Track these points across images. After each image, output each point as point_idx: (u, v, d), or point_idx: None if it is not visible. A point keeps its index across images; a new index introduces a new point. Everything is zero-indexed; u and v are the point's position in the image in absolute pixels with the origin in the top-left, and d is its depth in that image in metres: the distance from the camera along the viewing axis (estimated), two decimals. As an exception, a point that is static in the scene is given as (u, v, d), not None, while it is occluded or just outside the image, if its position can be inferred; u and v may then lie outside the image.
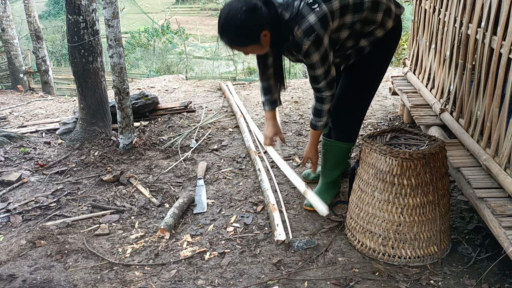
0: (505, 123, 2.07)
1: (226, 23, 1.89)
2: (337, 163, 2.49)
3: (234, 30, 1.89)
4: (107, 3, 3.09)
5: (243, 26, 1.87)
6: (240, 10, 1.84)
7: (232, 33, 1.90)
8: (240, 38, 1.93)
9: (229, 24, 1.88)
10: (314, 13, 1.91)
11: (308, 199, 2.36)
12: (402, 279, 1.99)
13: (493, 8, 2.21)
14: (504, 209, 1.93)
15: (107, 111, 3.62)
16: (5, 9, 7.29)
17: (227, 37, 1.93)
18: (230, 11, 1.86)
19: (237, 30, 1.88)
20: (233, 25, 1.87)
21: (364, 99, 2.34)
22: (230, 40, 1.94)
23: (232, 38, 1.93)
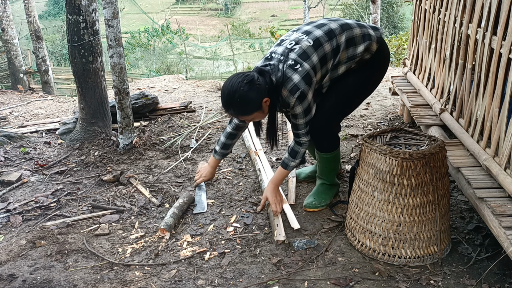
0: (505, 123, 2.07)
1: (230, 97, 2.10)
2: (332, 169, 2.57)
3: (239, 103, 2.10)
4: (107, 3, 3.09)
5: (247, 97, 2.09)
6: (242, 84, 2.07)
7: (237, 105, 2.11)
8: (246, 108, 2.13)
9: (233, 98, 2.09)
10: (297, 73, 2.13)
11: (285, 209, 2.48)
12: (402, 279, 1.99)
13: (493, 8, 2.21)
14: (504, 209, 1.93)
15: (107, 111, 3.62)
16: (5, 9, 7.29)
17: (233, 109, 2.14)
18: (233, 86, 2.09)
19: (242, 102, 2.09)
20: (237, 98, 2.08)
21: (345, 113, 2.50)
22: (236, 112, 2.16)
23: (238, 109, 2.14)
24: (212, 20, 28.71)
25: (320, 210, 2.52)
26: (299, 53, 2.16)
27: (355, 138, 3.50)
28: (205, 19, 28.93)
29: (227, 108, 2.16)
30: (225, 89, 2.12)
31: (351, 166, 2.77)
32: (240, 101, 2.09)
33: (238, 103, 2.10)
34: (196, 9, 31.26)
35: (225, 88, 2.12)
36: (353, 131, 3.60)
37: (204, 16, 29.87)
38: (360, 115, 4.01)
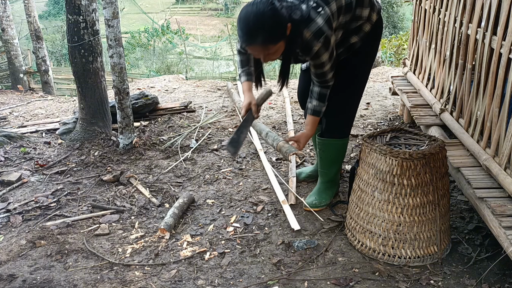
0: (505, 123, 2.07)
1: (256, 23, 1.84)
2: (333, 160, 2.50)
3: (270, 26, 1.85)
4: (107, 3, 3.09)
5: (278, 18, 1.86)
6: (265, 7, 1.83)
7: (265, 31, 1.86)
8: (275, 33, 1.89)
9: (260, 23, 1.84)
10: (321, 16, 1.96)
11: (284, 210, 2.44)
12: (402, 279, 1.99)
13: (493, 8, 2.21)
14: (504, 209, 1.93)
15: (107, 111, 3.62)
16: (5, 9, 7.29)
17: (261, 36, 1.87)
18: (259, 8, 1.83)
19: (273, 24, 1.85)
20: (264, 22, 1.84)
21: (355, 93, 2.38)
22: (264, 39, 1.88)
23: (268, 35, 1.87)
24: (212, 20, 28.71)
25: (320, 209, 2.52)
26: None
27: (355, 138, 3.50)
28: (205, 19, 28.92)
29: (254, 35, 1.86)
30: (251, 12, 1.84)
31: (351, 166, 2.77)
32: (271, 24, 1.84)
33: (267, 29, 1.84)
34: (196, 9, 31.26)
35: (250, 11, 1.84)
36: (353, 131, 3.60)
37: (204, 16, 29.86)
38: (360, 115, 4.01)
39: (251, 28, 1.86)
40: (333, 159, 2.50)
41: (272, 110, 4.26)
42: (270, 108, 4.33)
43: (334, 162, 2.51)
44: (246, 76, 2.35)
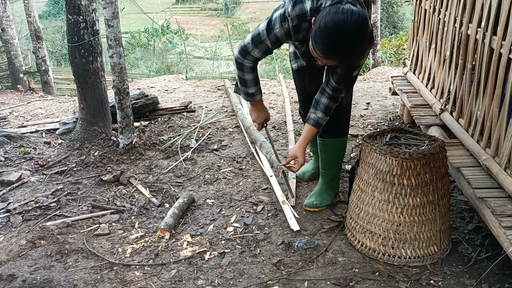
0: (505, 123, 2.07)
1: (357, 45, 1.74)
2: (334, 160, 2.50)
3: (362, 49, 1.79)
4: (107, 3, 3.09)
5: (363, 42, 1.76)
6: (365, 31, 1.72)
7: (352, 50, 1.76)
8: (356, 52, 1.80)
9: (360, 45, 1.75)
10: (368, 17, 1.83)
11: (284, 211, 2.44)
12: (402, 279, 1.99)
13: (493, 8, 2.21)
14: (504, 209, 1.93)
15: (107, 111, 3.62)
16: (5, 9, 7.29)
17: (345, 54, 1.77)
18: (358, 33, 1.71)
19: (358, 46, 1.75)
20: (362, 45, 1.76)
21: (351, 92, 2.38)
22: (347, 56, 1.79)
23: (350, 54, 1.78)
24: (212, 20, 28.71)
25: (320, 210, 2.52)
26: None
27: (355, 138, 3.50)
28: (205, 19, 28.92)
29: (338, 52, 1.75)
30: (346, 31, 1.69)
31: (351, 166, 2.77)
32: (360, 46, 1.75)
33: (356, 48, 1.74)
34: (196, 9, 31.26)
35: (345, 29, 1.68)
36: (353, 131, 3.60)
37: (204, 16, 29.86)
38: (360, 115, 4.01)
39: (349, 47, 1.74)
40: (334, 158, 2.50)
41: (272, 110, 4.26)
42: (270, 108, 4.33)
43: (335, 161, 2.51)
44: (260, 94, 2.31)
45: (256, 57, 2.09)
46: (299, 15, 1.89)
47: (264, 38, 1.99)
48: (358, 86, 5.11)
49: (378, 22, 7.00)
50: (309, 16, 1.89)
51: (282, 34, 1.96)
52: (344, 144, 2.46)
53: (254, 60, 2.12)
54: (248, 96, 2.30)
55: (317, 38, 1.74)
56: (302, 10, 1.89)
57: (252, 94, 2.28)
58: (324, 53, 1.76)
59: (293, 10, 1.89)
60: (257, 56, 2.08)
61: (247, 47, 2.06)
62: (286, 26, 1.92)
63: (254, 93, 2.27)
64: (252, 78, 2.20)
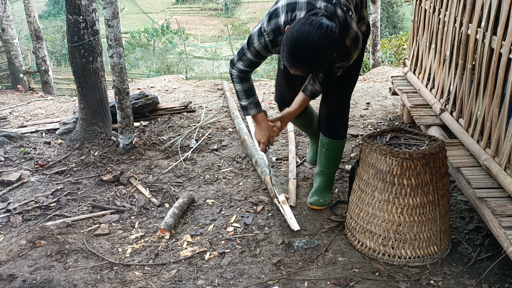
0: (505, 123, 2.07)
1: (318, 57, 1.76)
2: (337, 160, 2.57)
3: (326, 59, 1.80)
4: (107, 3, 3.09)
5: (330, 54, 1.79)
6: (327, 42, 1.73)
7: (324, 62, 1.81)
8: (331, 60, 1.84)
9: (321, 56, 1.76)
10: (353, 20, 1.91)
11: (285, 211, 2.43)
12: (402, 279, 1.99)
13: (493, 8, 2.21)
14: (504, 209, 1.93)
15: (107, 111, 3.62)
16: (5, 9, 7.28)
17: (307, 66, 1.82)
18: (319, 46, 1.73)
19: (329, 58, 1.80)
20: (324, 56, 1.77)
21: (351, 95, 2.44)
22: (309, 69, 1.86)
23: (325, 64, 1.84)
24: (212, 20, 28.72)
25: (325, 208, 2.54)
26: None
27: (355, 138, 3.50)
28: (205, 19, 28.92)
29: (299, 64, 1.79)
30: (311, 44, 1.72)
31: (351, 166, 2.77)
32: (323, 60, 1.78)
33: (320, 62, 1.78)
34: (196, 9, 31.26)
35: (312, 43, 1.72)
36: (353, 131, 3.60)
37: (204, 16, 29.87)
38: (360, 115, 4.01)
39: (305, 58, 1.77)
40: (338, 159, 2.56)
41: (272, 110, 4.26)
42: (270, 108, 4.33)
43: (338, 161, 2.58)
44: (257, 107, 2.27)
45: (241, 69, 2.16)
46: (274, 29, 1.96)
47: (246, 52, 2.08)
48: (358, 86, 5.11)
49: (378, 22, 7.00)
50: (283, 29, 1.95)
51: (260, 48, 2.04)
52: (344, 144, 2.54)
53: (240, 71, 2.17)
54: (242, 109, 2.29)
55: (283, 45, 1.80)
56: (277, 24, 1.96)
57: (245, 107, 2.27)
58: (287, 61, 1.82)
59: (268, 25, 1.97)
60: (241, 68, 2.15)
61: (234, 59, 2.18)
62: (263, 41, 2.01)
63: (246, 106, 2.26)
64: (241, 89, 2.22)
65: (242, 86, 2.21)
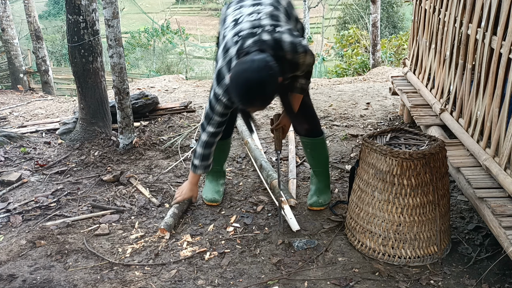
0: (505, 123, 2.07)
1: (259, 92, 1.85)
2: (326, 156, 2.61)
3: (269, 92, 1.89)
4: (107, 3, 3.09)
5: (274, 83, 1.88)
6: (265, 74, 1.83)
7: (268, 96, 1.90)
8: (275, 92, 1.95)
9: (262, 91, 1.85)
10: (283, 33, 1.99)
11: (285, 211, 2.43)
12: (402, 279, 1.99)
13: (493, 8, 2.21)
14: (504, 209, 1.93)
15: (107, 111, 3.62)
16: (5, 9, 7.28)
17: (264, 101, 1.92)
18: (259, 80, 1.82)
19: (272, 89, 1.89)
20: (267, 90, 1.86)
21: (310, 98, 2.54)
22: (267, 101, 1.94)
23: (269, 98, 1.92)
24: (212, 20, 28.70)
25: (325, 208, 2.55)
26: (269, 18, 2.04)
27: (355, 138, 3.50)
28: (205, 19, 28.91)
29: (256, 101, 1.91)
30: (252, 81, 1.82)
31: (351, 166, 2.77)
32: (272, 87, 1.88)
33: (270, 91, 1.88)
34: (196, 9, 31.25)
35: (251, 80, 1.82)
36: (353, 131, 3.60)
37: (204, 16, 29.85)
38: (360, 115, 4.01)
39: (254, 97, 1.87)
40: (324, 155, 2.60)
41: (272, 110, 4.26)
42: (270, 108, 4.33)
43: (326, 158, 2.61)
44: (204, 169, 2.39)
45: (212, 132, 2.24)
46: (226, 90, 2.05)
47: (212, 116, 2.19)
48: (358, 86, 5.11)
49: (378, 22, 7.00)
50: None
51: (222, 109, 2.15)
52: (325, 141, 2.61)
53: (211, 134, 2.25)
54: (191, 164, 2.42)
55: (231, 94, 1.94)
56: (226, 85, 2.03)
57: (195, 165, 2.38)
58: (242, 105, 1.95)
59: (220, 88, 2.07)
60: (212, 131, 2.24)
61: (203, 123, 2.26)
62: (222, 104, 2.12)
63: (196, 165, 2.38)
64: (201, 153, 2.33)
65: (204, 151, 2.31)
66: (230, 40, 2.05)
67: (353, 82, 5.80)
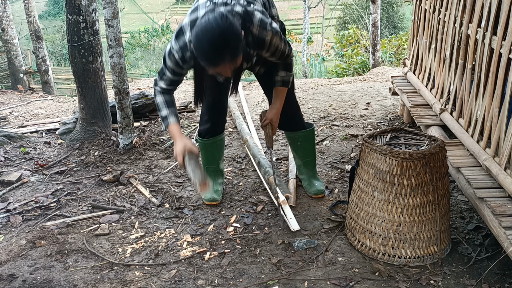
0: (505, 123, 2.07)
1: (222, 42, 1.77)
2: (314, 145, 2.69)
3: (233, 43, 1.80)
4: (107, 3, 3.09)
5: (235, 34, 1.81)
6: (224, 24, 1.77)
7: (232, 48, 1.81)
8: (238, 46, 1.84)
9: (225, 41, 1.77)
10: (256, 10, 2.01)
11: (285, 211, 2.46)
12: (402, 279, 1.99)
13: (493, 8, 2.21)
14: (504, 209, 1.93)
15: (107, 111, 3.62)
16: (5, 9, 7.28)
17: (229, 54, 1.81)
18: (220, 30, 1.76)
19: (234, 41, 1.80)
20: (229, 40, 1.78)
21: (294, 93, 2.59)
22: (232, 55, 1.83)
23: (233, 52, 1.83)
24: (212, 20, 28.65)
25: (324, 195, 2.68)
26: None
27: (355, 138, 3.50)
28: (205, 19, 28.85)
29: (222, 55, 1.80)
30: (212, 33, 1.75)
31: (351, 166, 2.78)
32: (234, 38, 1.79)
33: (233, 42, 1.79)
34: (196, 9, 31.20)
35: (211, 32, 1.75)
36: (353, 131, 3.60)
37: (204, 16, 29.79)
38: (360, 115, 4.01)
39: (219, 49, 1.79)
40: (314, 145, 2.68)
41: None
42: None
43: (314, 148, 2.70)
44: (175, 117, 2.19)
45: (163, 88, 2.17)
46: (182, 47, 2.03)
47: (164, 71, 2.13)
48: (358, 86, 5.11)
49: (378, 22, 7.00)
50: (189, 45, 2.01)
51: (173, 66, 2.09)
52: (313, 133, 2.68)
53: (163, 90, 2.18)
54: (162, 120, 2.22)
55: (198, 54, 1.84)
56: (184, 41, 2.02)
57: (165, 117, 2.18)
58: (211, 64, 1.85)
59: (176, 43, 2.04)
60: (164, 87, 2.17)
61: (156, 79, 2.19)
62: (173, 59, 2.07)
63: (166, 115, 2.18)
64: (162, 100, 2.19)
65: (164, 97, 2.18)
66: (202, 4, 2.02)
67: (353, 82, 5.80)
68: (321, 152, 3.29)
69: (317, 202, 2.63)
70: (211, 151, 2.63)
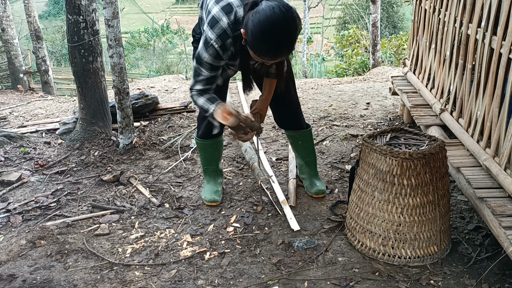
0: (505, 123, 2.07)
1: (296, 33, 1.79)
2: (313, 144, 2.69)
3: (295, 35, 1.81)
4: (107, 3, 3.09)
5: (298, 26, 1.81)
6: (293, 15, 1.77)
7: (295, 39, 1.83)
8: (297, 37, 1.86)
9: (296, 32, 1.79)
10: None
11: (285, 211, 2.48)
12: (402, 279, 1.99)
13: (493, 8, 2.21)
14: (504, 209, 1.93)
15: (107, 111, 3.62)
16: (5, 9, 7.29)
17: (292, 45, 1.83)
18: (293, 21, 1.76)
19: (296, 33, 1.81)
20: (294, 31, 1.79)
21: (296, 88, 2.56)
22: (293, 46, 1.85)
23: (294, 42, 1.85)
24: (212, 20, 28.66)
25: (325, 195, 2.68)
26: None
27: (355, 138, 3.50)
28: (205, 19, 28.85)
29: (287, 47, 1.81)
30: (288, 23, 1.75)
31: (351, 166, 2.78)
32: (297, 31, 1.80)
33: (296, 35, 1.81)
34: (196, 9, 31.24)
35: (288, 21, 1.75)
36: (353, 131, 3.60)
37: (204, 16, 29.81)
38: (360, 115, 4.01)
39: (284, 41, 1.79)
40: (313, 145, 2.69)
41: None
42: (270, 108, 4.33)
43: (314, 148, 2.70)
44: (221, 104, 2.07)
45: (200, 89, 2.08)
46: (221, 34, 1.94)
47: (199, 71, 2.04)
48: (358, 86, 5.11)
49: (378, 22, 7.00)
50: (230, 31, 1.95)
51: (211, 59, 2.00)
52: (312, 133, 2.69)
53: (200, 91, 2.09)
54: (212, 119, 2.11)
55: (258, 45, 1.80)
56: (221, 28, 1.94)
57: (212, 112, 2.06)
58: (271, 57, 1.85)
59: (213, 32, 1.95)
60: (200, 88, 2.08)
61: (191, 84, 2.10)
62: (212, 50, 1.97)
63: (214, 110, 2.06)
64: (204, 100, 2.09)
65: (204, 97, 2.09)
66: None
67: (353, 82, 5.80)
68: (321, 152, 3.29)
69: (317, 202, 2.63)
70: (210, 152, 2.63)
